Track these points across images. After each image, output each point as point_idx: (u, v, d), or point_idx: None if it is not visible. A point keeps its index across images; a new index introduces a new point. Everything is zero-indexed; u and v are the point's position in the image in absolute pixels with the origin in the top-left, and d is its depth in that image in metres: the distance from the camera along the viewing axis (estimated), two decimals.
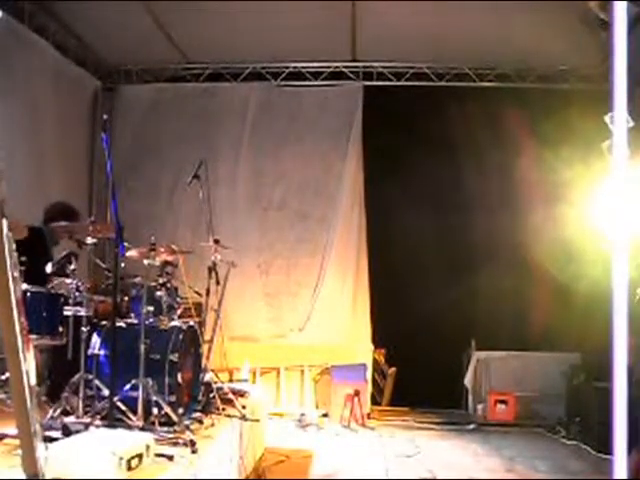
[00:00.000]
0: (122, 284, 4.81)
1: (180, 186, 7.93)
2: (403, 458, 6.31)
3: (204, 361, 5.24)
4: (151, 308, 4.72)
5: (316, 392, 8.46)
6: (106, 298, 4.84)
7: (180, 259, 5.20)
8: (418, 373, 8.40)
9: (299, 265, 8.77)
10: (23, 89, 6.80)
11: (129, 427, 4.00)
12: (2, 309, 1.77)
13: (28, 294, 4.19)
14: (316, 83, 8.78)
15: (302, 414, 7.78)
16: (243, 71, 8.82)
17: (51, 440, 3.21)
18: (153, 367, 4.37)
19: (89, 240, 4.41)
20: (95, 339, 4.56)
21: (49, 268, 4.71)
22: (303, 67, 8.73)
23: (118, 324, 4.51)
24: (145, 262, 4.65)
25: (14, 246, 1.82)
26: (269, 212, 8.86)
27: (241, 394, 5.71)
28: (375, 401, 8.84)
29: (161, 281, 4.96)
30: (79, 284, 4.41)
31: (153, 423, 4.13)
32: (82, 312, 4.31)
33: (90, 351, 4.44)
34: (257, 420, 5.50)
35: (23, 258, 4.49)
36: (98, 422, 3.96)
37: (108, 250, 7.18)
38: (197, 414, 4.72)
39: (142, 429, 4.00)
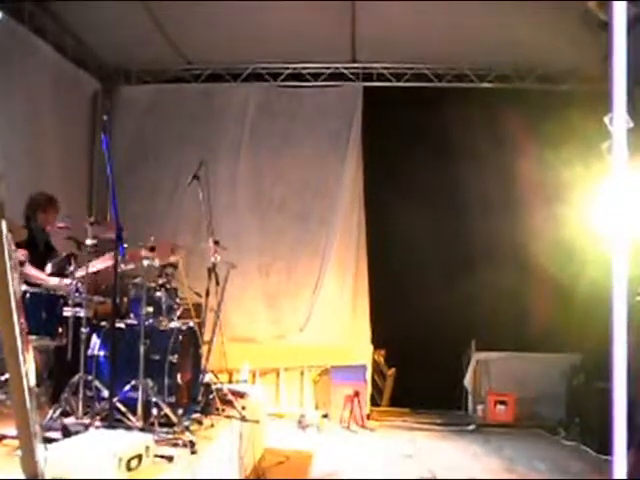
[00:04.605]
0: (122, 285, 4.81)
1: (180, 187, 7.94)
2: (403, 459, 6.30)
3: (204, 362, 5.24)
4: (151, 309, 4.73)
5: (316, 393, 8.46)
6: (106, 299, 4.84)
7: (180, 260, 5.19)
8: (418, 374, 8.41)
9: (299, 266, 8.77)
10: (23, 90, 6.80)
11: (129, 428, 3.99)
12: (2, 310, 1.76)
13: (28, 295, 4.19)
14: (316, 84, 8.78)
15: (302, 415, 7.77)
16: (243, 72, 8.81)
17: (51, 441, 3.20)
18: (153, 368, 4.37)
19: (88, 241, 4.40)
20: (95, 340, 4.56)
21: (48, 269, 4.72)
22: (303, 68, 8.72)
23: (118, 325, 4.51)
24: (145, 263, 4.64)
25: (14, 247, 1.82)
26: (269, 213, 8.85)
27: (241, 395, 5.71)
28: (375, 402, 8.85)
29: (161, 282, 4.96)
30: (78, 285, 4.41)
31: (153, 424, 4.13)
32: (82, 313, 4.31)
33: (90, 352, 4.44)
34: (257, 421, 5.50)
35: (22, 257, 4.52)
36: (98, 423, 3.96)
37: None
38: (197, 415, 4.72)
39: (142, 430, 4.00)
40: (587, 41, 6.43)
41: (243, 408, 5.24)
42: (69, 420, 3.98)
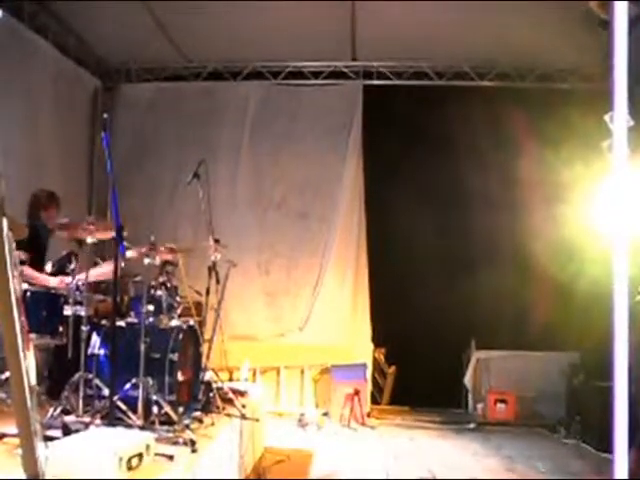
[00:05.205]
0: (122, 283, 4.80)
1: (180, 185, 7.92)
2: (403, 457, 6.31)
3: (204, 360, 5.24)
4: (151, 307, 4.72)
5: (316, 391, 8.46)
6: (106, 297, 4.84)
7: (180, 258, 5.19)
8: (418, 372, 8.41)
9: (299, 264, 8.77)
10: (23, 88, 6.80)
11: (129, 426, 3.99)
12: (2, 308, 1.77)
13: (28, 293, 4.19)
14: (316, 82, 8.78)
15: (302, 413, 7.78)
16: (243, 70, 8.82)
17: (51, 439, 3.20)
18: (153, 366, 4.37)
19: (89, 239, 4.40)
20: (95, 338, 4.55)
21: (49, 267, 4.71)
22: (303, 66, 8.72)
23: (118, 323, 4.51)
24: (145, 261, 4.64)
25: (14, 245, 1.82)
26: (269, 211, 8.86)
27: (241, 393, 5.70)
28: (375, 400, 8.85)
29: (161, 280, 4.96)
30: (79, 283, 4.41)
31: (153, 422, 4.12)
32: (82, 311, 4.31)
33: (90, 350, 4.43)
34: (257, 419, 5.49)
35: (23, 257, 4.52)
36: (98, 421, 3.95)
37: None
38: (197, 413, 4.71)
39: (142, 428, 3.99)
40: (588, 40, 6.43)
41: (243, 406, 5.23)
42: (69, 418, 3.98)
